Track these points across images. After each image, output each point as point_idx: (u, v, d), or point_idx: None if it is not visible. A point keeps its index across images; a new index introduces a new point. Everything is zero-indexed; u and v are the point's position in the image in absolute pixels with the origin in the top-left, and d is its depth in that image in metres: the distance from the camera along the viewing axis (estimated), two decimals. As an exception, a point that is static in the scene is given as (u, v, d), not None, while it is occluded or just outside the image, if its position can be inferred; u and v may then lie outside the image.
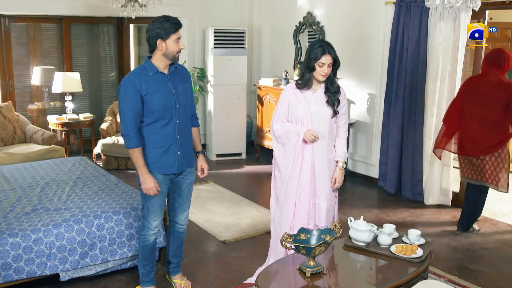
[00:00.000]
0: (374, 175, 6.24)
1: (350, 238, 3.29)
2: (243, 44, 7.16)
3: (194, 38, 7.46)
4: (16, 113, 6.41)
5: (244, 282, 3.82)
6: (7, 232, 3.46)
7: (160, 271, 3.95)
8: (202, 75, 7.34)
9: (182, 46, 3.24)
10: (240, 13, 7.88)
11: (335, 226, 3.02)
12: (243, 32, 7.15)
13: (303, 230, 3.00)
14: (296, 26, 7.14)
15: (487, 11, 5.08)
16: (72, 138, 7.33)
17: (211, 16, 7.51)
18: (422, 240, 3.28)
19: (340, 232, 3.01)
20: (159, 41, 3.15)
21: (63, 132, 6.82)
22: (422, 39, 5.35)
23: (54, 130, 6.74)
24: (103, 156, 6.60)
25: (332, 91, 3.44)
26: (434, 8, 5.15)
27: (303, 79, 3.45)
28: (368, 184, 6.25)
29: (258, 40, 8.00)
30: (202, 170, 3.56)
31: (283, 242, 2.88)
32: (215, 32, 7.02)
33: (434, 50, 5.29)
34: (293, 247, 2.89)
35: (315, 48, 3.34)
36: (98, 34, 7.44)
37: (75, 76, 6.76)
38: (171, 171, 3.34)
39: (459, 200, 5.52)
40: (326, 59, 3.32)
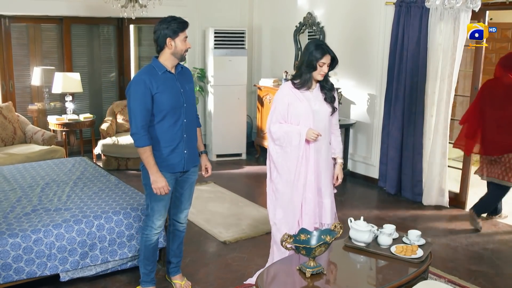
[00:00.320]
0: (374, 176, 6.24)
1: (350, 238, 3.29)
2: (243, 44, 7.16)
3: (194, 38, 7.45)
4: (16, 113, 6.41)
5: (244, 283, 3.82)
6: (7, 233, 3.46)
7: (160, 272, 3.95)
8: (202, 75, 7.35)
9: (189, 45, 3.28)
10: (240, 13, 7.89)
11: (335, 226, 3.02)
12: (243, 33, 7.15)
13: (303, 231, 3.00)
14: (296, 26, 7.15)
15: (487, 12, 5.08)
16: (72, 138, 7.33)
17: (211, 16, 7.51)
18: (422, 241, 3.28)
19: (340, 232, 3.01)
20: (168, 39, 3.19)
21: (63, 133, 6.82)
22: (422, 39, 5.35)
23: (54, 131, 6.74)
24: (103, 157, 6.60)
25: (327, 89, 3.51)
26: (434, 9, 5.15)
27: (301, 79, 3.45)
28: (368, 184, 6.25)
29: (258, 40, 8.00)
30: (206, 169, 3.59)
31: (283, 243, 2.88)
32: (215, 33, 7.02)
33: (434, 51, 5.29)
34: (293, 247, 2.89)
35: (314, 48, 3.37)
36: (98, 34, 7.44)
37: (75, 76, 6.76)
38: (177, 169, 3.35)
39: (459, 200, 5.53)
40: (326, 59, 3.37)
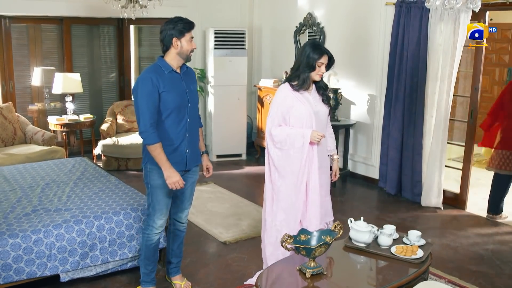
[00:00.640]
0: (374, 176, 6.24)
1: (351, 239, 3.29)
2: (243, 45, 7.16)
3: (194, 38, 7.43)
4: (16, 114, 6.41)
5: (244, 283, 3.82)
6: (8, 233, 3.46)
7: (161, 272, 3.95)
8: (203, 76, 7.35)
9: (195, 45, 3.32)
10: (241, 14, 7.89)
11: (336, 227, 3.02)
12: (244, 33, 7.15)
13: (303, 231, 3.00)
14: (297, 27, 7.15)
15: (487, 12, 5.09)
16: (73, 139, 7.33)
17: (211, 17, 7.51)
18: (423, 241, 3.28)
19: (341, 233, 3.01)
20: (174, 39, 3.23)
21: (64, 133, 6.82)
22: (422, 40, 5.35)
23: (54, 131, 6.74)
24: (103, 157, 6.60)
25: (324, 89, 3.55)
26: (434, 9, 5.15)
27: (299, 80, 3.45)
28: (369, 185, 6.25)
29: (259, 41, 8.00)
30: (208, 169, 3.61)
31: (283, 243, 2.88)
32: (216, 33, 7.02)
33: (434, 51, 5.29)
34: (293, 248, 2.89)
35: (312, 49, 3.39)
36: (99, 35, 7.44)
37: (76, 77, 6.77)
38: (179, 168, 3.36)
39: (460, 200, 5.53)
40: (324, 59, 3.40)
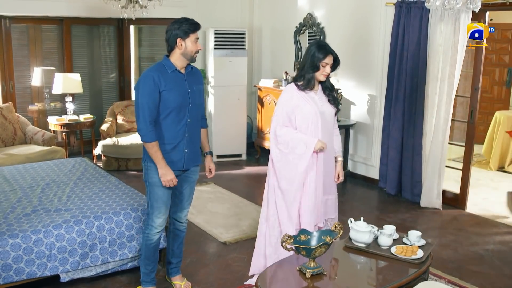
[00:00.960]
0: (374, 176, 6.24)
1: (351, 239, 3.29)
2: (243, 45, 7.16)
3: (195, 39, 7.46)
4: (16, 114, 6.41)
5: (244, 283, 3.82)
6: (8, 233, 3.46)
7: (161, 272, 3.95)
8: (203, 76, 7.35)
9: (199, 47, 3.31)
10: (241, 14, 7.89)
11: (336, 227, 3.02)
12: (244, 33, 7.15)
13: (303, 231, 3.00)
14: (297, 27, 7.15)
15: (487, 12, 5.09)
16: (73, 139, 7.33)
17: (212, 17, 7.51)
18: (423, 241, 3.28)
19: (341, 233, 3.01)
20: (179, 40, 3.23)
21: (64, 133, 6.82)
22: (422, 40, 5.35)
23: (54, 131, 6.74)
24: (103, 157, 6.60)
25: (330, 89, 3.55)
26: (434, 9, 5.15)
27: (305, 80, 3.46)
28: (369, 185, 6.25)
29: (259, 41, 8.00)
30: (210, 170, 3.62)
31: (283, 243, 2.88)
32: (216, 33, 7.02)
33: (434, 51, 5.28)
34: (293, 248, 2.89)
35: (317, 49, 3.40)
36: (99, 35, 7.44)
37: (76, 77, 6.77)
38: (177, 167, 3.37)
39: (460, 200, 5.53)
40: (329, 59, 3.40)
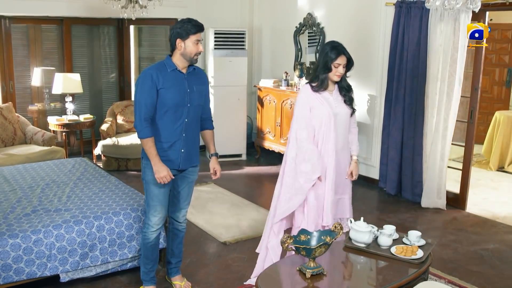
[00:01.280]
0: (374, 176, 6.24)
1: (351, 239, 3.29)
2: (243, 45, 7.16)
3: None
4: (16, 114, 6.41)
5: (244, 284, 3.82)
6: (7, 233, 3.46)
7: (161, 272, 3.95)
8: (203, 76, 7.34)
9: (201, 49, 3.29)
10: (240, 14, 7.89)
11: (336, 227, 3.02)
12: (243, 33, 7.15)
13: (303, 231, 3.00)
14: (296, 27, 7.15)
15: (487, 12, 5.09)
16: (73, 139, 7.33)
17: (211, 17, 7.50)
18: (423, 241, 3.28)
19: (341, 233, 3.01)
20: (178, 40, 3.23)
21: (64, 133, 6.82)
22: (422, 40, 5.35)
23: (54, 131, 6.74)
24: (103, 157, 6.60)
25: (345, 90, 3.54)
26: (434, 10, 5.15)
27: (319, 81, 3.47)
28: (369, 185, 6.25)
29: (259, 41, 8.00)
30: (215, 172, 3.61)
31: (283, 243, 2.88)
32: (215, 33, 7.02)
33: (434, 51, 5.28)
34: (293, 248, 2.89)
35: (329, 49, 3.41)
36: (99, 35, 7.44)
37: (76, 77, 6.77)
38: (172, 167, 3.37)
39: (459, 201, 5.53)
40: (341, 60, 3.39)
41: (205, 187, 6.09)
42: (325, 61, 3.40)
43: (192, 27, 3.21)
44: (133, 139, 6.60)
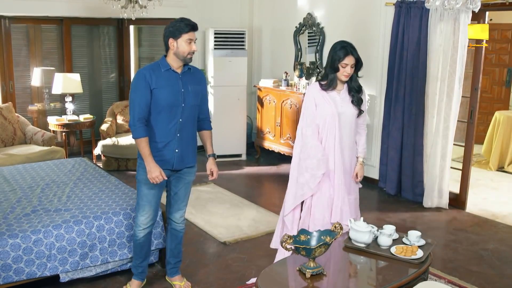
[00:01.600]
0: (374, 176, 6.24)
1: (350, 239, 3.29)
2: (243, 45, 7.16)
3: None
4: (16, 114, 6.41)
5: (247, 283, 3.82)
6: (7, 233, 3.46)
7: (161, 272, 3.95)
8: (202, 76, 7.34)
9: (194, 48, 3.27)
10: (240, 14, 7.89)
11: (335, 227, 3.02)
12: (243, 33, 7.15)
13: (303, 231, 3.00)
14: (296, 27, 7.15)
15: (487, 12, 5.09)
16: (72, 139, 7.33)
17: (211, 17, 7.51)
18: (422, 241, 3.28)
19: (340, 233, 3.01)
20: (170, 39, 3.23)
21: (63, 133, 6.82)
22: (422, 40, 5.35)
23: (54, 131, 6.74)
24: (103, 157, 6.60)
25: (355, 90, 3.52)
26: (434, 9, 5.15)
27: (328, 80, 3.48)
28: (368, 185, 6.24)
29: (258, 41, 8.00)
30: (212, 173, 3.59)
31: (283, 243, 2.88)
32: (215, 33, 7.02)
33: (434, 51, 5.29)
34: (293, 248, 2.89)
35: (338, 49, 3.41)
36: (98, 35, 7.44)
37: (75, 77, 6.76)
38: (166, 167, 3.38)
39: (459, 201, 5.53)
40: (349, 60, 3.38)
41: (205, 187, 6.09)
42: (333, 60, 3.41)
43: (184, 26, 3.20)
44: (132, 139, 6.58)
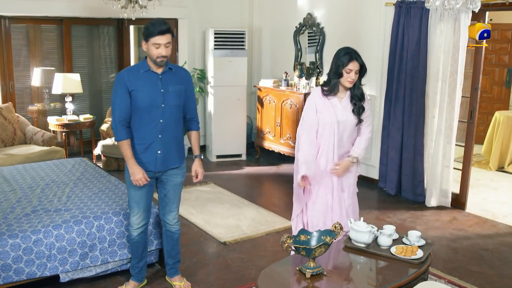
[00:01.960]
0: (374, 176, 6.24)
1: (350, 239, 3.29)
2: (243, 45, 7.16)
3: (194, 39, 7.46)
4: (16, 114, 6.41)
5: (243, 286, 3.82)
6: (7, 233, 3.46)
7: (161, 272, 3.95)
8: (202, 76, 7.35)
9: (162, 52, 3.21)
10: (240, 14, 7.89)
11: (335, 227, 3.02)
12: (243, 33, 7.15)
13: (303, 231, 3.00)
14: (296, 27, 7.15)
15: (487, 12, 5.09)
16: (72, 139, 7.33)
17: (211, 17, 7.51)
18: (422, 241, 3.28)
19: (341, 233, 3.01)
20: (143, 42, 3.26)
21: (63, 133, 6.82)
22: (422, 40, 5.35)
23: (54, 131, 6.74)
24: (103, 157, 6.60)
25: (357, 99, 3.50)
26: (434, 10, 5.15)
27: (330, 85, 3.47)
28: (368, 185, 6.25)
29: (258, 41, 8.00)
30: (196, 174, 3.57)
31: (283, 243, 2.88)
32: (215, 34, 7.02)
33: (435, 51, 5.29)
34: (293, 248, 2.89)
35: (342, 55, 3.41)
36: (98, 35, 7.44)
37: (75, 77, 6.77)
38: (149, 168, 3.38)
39: (459, 201, 5.53)
40: (353, 66, 3.38)
41: (205, 187, 6.09)
42: (337, 66, 3.40)
43: (153, 30, 3.17)
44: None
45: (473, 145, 5.42)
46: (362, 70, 3.44)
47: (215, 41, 7.03)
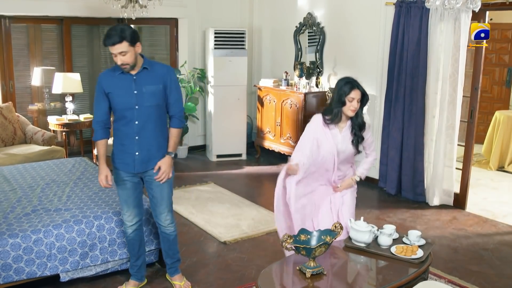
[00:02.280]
0: (374, 176, 6.24)
1: (351, 239, 3.29)
2: (243, 45, 7.16)
3: (194, 39, 7.46)
4: (16, 113, 6.41)
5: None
6: (7, 233, 3.46)
7: (161, 272, 3.95)
8: (202, 76, 7.35)
9: (118, 61, 3.17)
10: (240, 14, 7.88)
11: (336, 227, 3.02)
12: (243, 33, 7.15)
13: (303, 231, 3.01)
14: (297, 27, 7.15)
15: (487, 12, 5.09)
16: (73, 138, 7.33)
17: (211, 17, 7.51)
18: (423, 241, 3.28)
19: (340, 233, 3.01)
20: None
21: (64, 133, 6.82)
22: (422, 40, 5.35)
23: (54, 131, 6.73)
24: (103, 157, 6.59)
25: (357, 128, 3.49)
26: (434, 9, 5.15)
27: (332, 114, 3.46)
28: (368, 185, 6.25)
29: (258, 41, 8.00)
30: (159, 169, 3.41)
31: (283, 243, 2.88)
32: (215, 33, 7.02)
33: (435, 51, 5.29)
34: (293, 248, 2.89)
35: (343, 84, 3.41)
36: (99, 35, 7.44)
37: (76, 77, 6.76)
38: (129, 169, 3.43)
39: (460, 200, 5.53)
40: (355, 94, 3.38)
41: (205, 187, 6.09)
42: (339, 95, 3.40)
43: (103, 41, 3.15)
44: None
45: (473, 144, 5.43)
46: (364, 99, 3.44)
47: (215, 40, 7.03)
